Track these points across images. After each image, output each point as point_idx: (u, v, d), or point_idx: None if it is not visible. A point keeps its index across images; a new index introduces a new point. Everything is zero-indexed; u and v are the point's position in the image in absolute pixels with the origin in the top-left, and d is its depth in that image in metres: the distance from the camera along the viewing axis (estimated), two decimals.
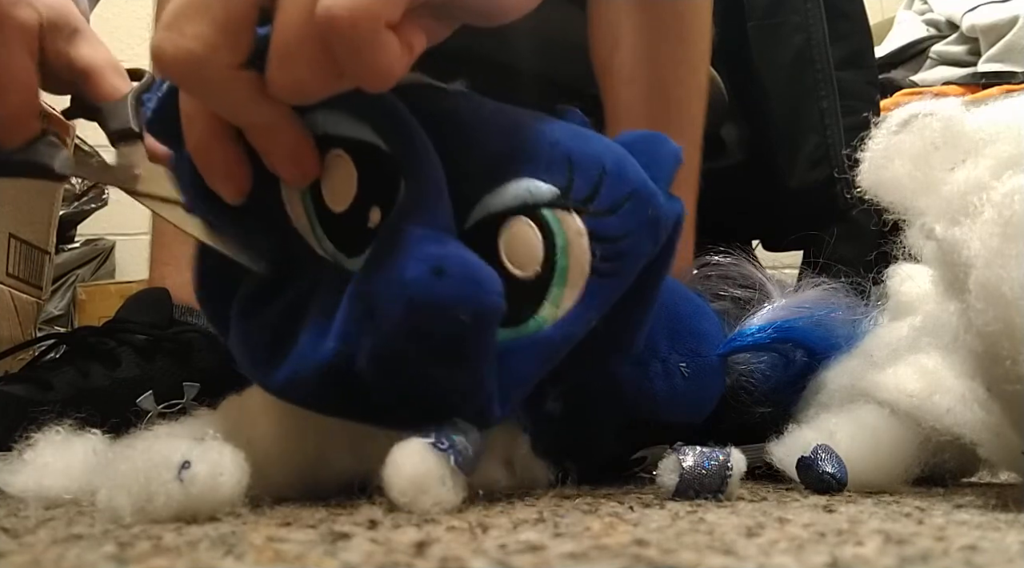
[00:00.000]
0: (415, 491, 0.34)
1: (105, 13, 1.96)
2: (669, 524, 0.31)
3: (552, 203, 0.38)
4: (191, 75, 0.32)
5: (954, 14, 1.53)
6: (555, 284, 0.38)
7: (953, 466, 0.49)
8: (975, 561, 0.24)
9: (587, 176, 0.39)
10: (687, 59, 0.69)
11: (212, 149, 0.35)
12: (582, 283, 0.38)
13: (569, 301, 0.38)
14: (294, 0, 0.31)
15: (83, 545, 0.27)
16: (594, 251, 0.38)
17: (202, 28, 0.31)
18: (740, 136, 0.93)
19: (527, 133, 0.39)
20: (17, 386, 0.56)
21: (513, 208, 0.38)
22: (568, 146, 0.39)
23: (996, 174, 0.38)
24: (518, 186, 0.38)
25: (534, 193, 0.38)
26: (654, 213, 0.40)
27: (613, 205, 0.39)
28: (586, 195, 0.39)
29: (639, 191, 0.40)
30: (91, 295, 1.48)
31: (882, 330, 0.54)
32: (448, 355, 0.35)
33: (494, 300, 0.34)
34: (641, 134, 0.44)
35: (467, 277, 0.34)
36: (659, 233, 0.41)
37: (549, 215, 0.38)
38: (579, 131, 0.41)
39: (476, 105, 0.40)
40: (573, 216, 0.38)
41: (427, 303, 0.33)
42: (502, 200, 0.38)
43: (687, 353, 0.51)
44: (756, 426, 0.53)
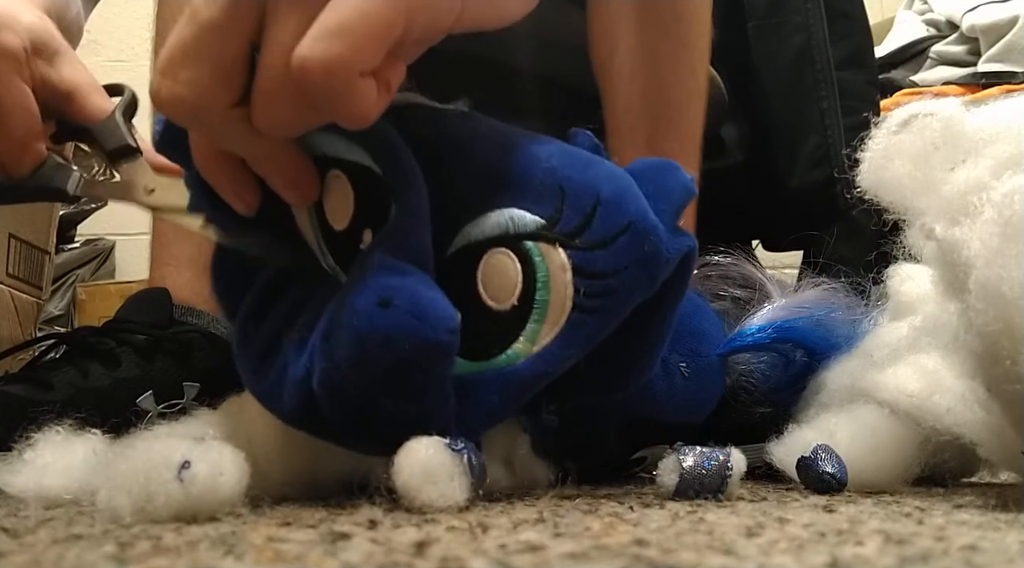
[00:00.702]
0: (423, 480, 0.34)
1: (105, 13, 1.96)
2: (669, 524, 0.31)
3: (535, 235, 0.37)
4: (189, 118, 0.34)
5: (954, 14, 1.53)
6: (532, 319, 0.37)
7: (953, 466, 0.49)
8: (975, 561, 0.24)
9: (578, 206, 0.37)
10: (687, 59, 0.69)
11: (218, 172, 0.37)
12: (562, 319, 0.37)
13: (546, 338, 0.37)
14: (275, 44, 0.32)
15: (83, 545, 0.27)
16: (578, 287, 0.37)
17: (196, 73, 0.32)
18: (740, 136, 0.93)
19: (520, 159, 0.38)
20: (17, 386, 0.56)
21: (493, 238, 0.37)
22: (563, 174, 0.38)
23: (996, 174, 0.38)
24: (501, 215, 0.37)
25: (517, 223, 0.37)
26: (652, 249, 0.38)
27: (605, 238, 0.37)
28: (575, 227, 0.37)
29: (637, 224, 0.37)
30: (91, 295, 1.48)
31: (882, 330, 0.54)
32: (393, 387, 0.35)
33: (440, 336, 0.34)
34: (651, 162, 0.41)
35: (412, 311, 0.34)
36: (657, 270, 0.38)
37: (532, 247, 0.37)
38: (580, 157, 0.40)
39: (472, 128, 0.39)
40: (558, 249, 0.37)
41: (370, 334, 0.33)
42: (482, 230, 0.37)
43: (687, 353, 0.51)
44: (756, 426, 0.53)
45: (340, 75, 0.31)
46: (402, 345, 0.33)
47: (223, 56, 0.32)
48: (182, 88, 0.33)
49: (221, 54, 0.32)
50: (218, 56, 0.32)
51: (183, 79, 0.33)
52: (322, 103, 0.32)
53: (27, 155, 0.44)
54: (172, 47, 0.33)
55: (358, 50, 0.32)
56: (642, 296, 0.39)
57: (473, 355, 0.37)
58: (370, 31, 0.32)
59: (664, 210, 0.39)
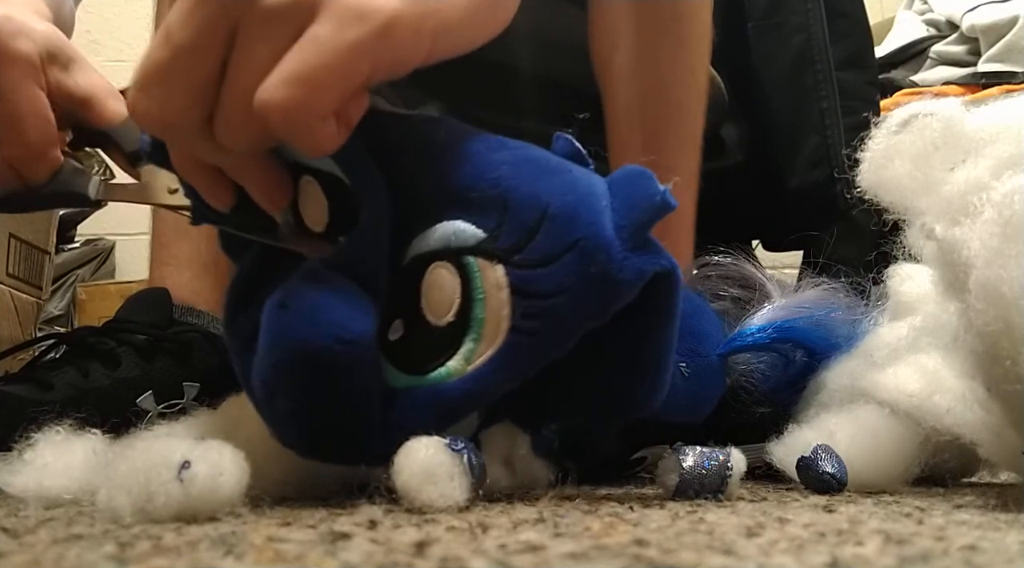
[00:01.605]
0: (424, 480, 0.34)
1: (105, 13, 1.96)
2: (669, 524, 0.31)
3: (475, 249, 0.35)
4: (162, 133, 0.36)
5: (954, 14, 1.53)
6: (469, 337, 0.36)
7: (953, 466, 0.49)
8: (975, 561, 0.24)
9: (520, 221, 0.35)
10: (687, 60, 0.69)
11: (195, 177, 0.39)
12: (498, 340, 0.35)
13: (481, 357, 0.36)
14: (240, 72, 0.33)
15: (83, 545, 0.27)
16: (515, 307, 0.35)
17: (169, 93, 0.34)
18: (740, 136, 0.93)
19: (471, 169, 0.37)
20: (17, 386, 0.56)
21: (436, 251, 0.36)
22: (508, 185, 0.36)
23: (996, 174, 0.38)
24: (446, 228, 0.36)
25: (458, 237, 0.36)
26: (601, 269, 0.34)
27: (548, 256, 0.35)
28: (513, 243, 0.35)
29: (585, 242, 0.34)
30: (91, 295, 1.48)
31: (882, 330, 0.54)
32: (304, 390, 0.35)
33: (326, 343, 0.34)
34: (626, 171, 0.37)
35: (305, 315, 0.34)
36: (608, 293, 0.35)
37: (471, 262, 0.36)
38: (538, 166, 0.37)
39: (431, 135, 0.38)
40: (495, 266, 0.35)
41: (267, 333, 0.34)
42: (427, 242, 0.37)
43: (687, 353, 0.51)
44: (756, 426, 0.53)
45: (299, 119, 0.33)
46: (290, 346, 0.34)
47: (194, 78, 0.34)
48: (156, 106, 0.34)
49: (192, 76, 0.34)
50: (189, 78, 0.34)
51: (157, 98, 0.34)
52: (283, 136, 0.34)
53: (44, 162, 0.44)
54: (147, 66, 0.34)
55: (318, 98, 0.33)
56: (592, 321, 0.36)
57: (410, 368, 0.37)
58: (332, 80, 0.33)
59: (628, 226, 0.35)
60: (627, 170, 0.37)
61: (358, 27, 0.33)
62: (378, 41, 0.33)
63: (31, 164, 0.44)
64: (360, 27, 0.33)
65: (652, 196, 0.36)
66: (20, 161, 0.44)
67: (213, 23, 0.33)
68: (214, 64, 0.34)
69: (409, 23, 0.34)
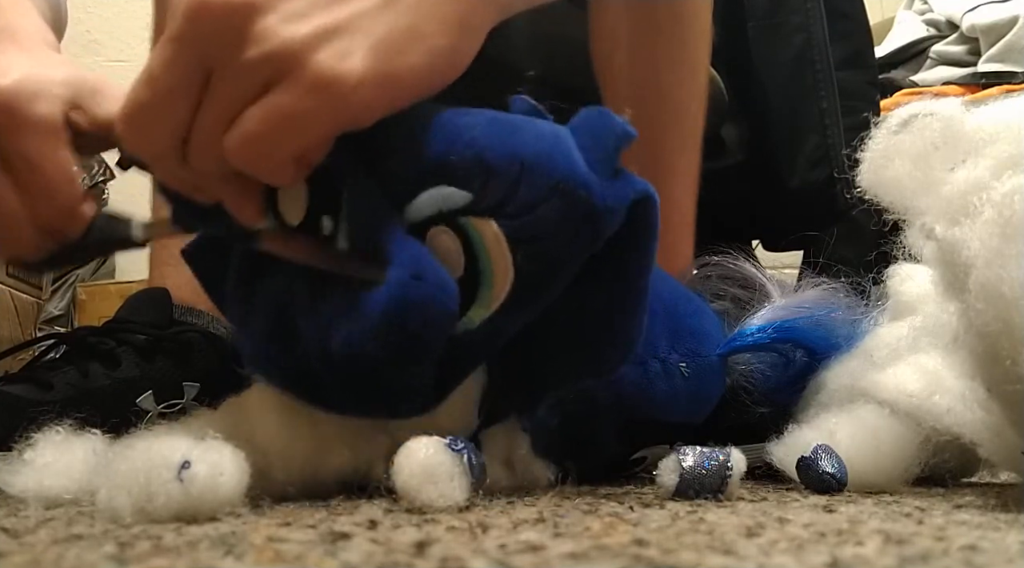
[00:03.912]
0: (424, 479, 0.35)
1: (105, 13, 1.96)
2: (669, 524, 0.31)
3: (466, 210, 0.38)
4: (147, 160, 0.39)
5: (954, 14, 1.53)
6: (481, 288, 0.38)
7: (953, 466, 0.49)
8: (975, 561, 0.24)
9: (503, 177, 0.38)
10: (687, 60, 0.69)
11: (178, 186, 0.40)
12: (507, 284, 0.38)
13: (497, 301, 0.38)
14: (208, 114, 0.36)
15: (83, 545, 0.27)
16: (515, 253, 0.38)
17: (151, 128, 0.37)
18: (740, 136, 0.93)
19: (445, 136, 0.39)
20: (17, 386, 0.56)
21: (431, 217, 0.38)
22: (484, 145, 0.38)
23: (996, 174, 0.38)
24: (432, 195, 0.38)
25: (447, 201, 0.38)
26: (584, 203, 0.38)
27: (533, 202, 0.38)
28: (500, 198, 0.38)
29: (563, 183, 0.38)
30: (91, 295, 1.47)
31: (882, 330, 0.54)
32: (410, 352, 0.37)
33: (454, 306, 0.37)
34: (584, 113, 0.41)
35: (439, 283, 0.37)
36: (596, 223, 0.38)
37: (465, 222, 0.38)
38: (507, 124, 0.40)
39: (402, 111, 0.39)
40: (489, 221, 0.38)
41: (405, 302, 0.36)
42: (419, 210, 0.38)
43: (687, 353, 0.51)
44: (756, 426, 0.53)
45: (261, 165, 0.36)
46: (430, 313, 0.36)
47: (173, 118, 0.36)
48: (140, 140, 0.38)
49: (171, 116, 0.36)
50: (169, 118, 0.36)
51: (141, 133, 0.37)
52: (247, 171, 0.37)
53: (75, 220, 0.45)
54: (132, 104, 0.37)
55: (272, 155, 0.36)
56: (586, 251, 0.39)
57: None
58: (285, 142, 0.36)
59: (598, 159, 0.39)
60: (584, 112, 0.41)
61: (319, 97, 0.35)
62: (338, 110, 0.36)
63: (64, 224, 0.45)
64: (321, 97, 0.35)
65: (613, 128, 0.39)
66: (51, 223, 0.45)
67: (191, 70, 0.36)
68: (191, 107, 0.36)
69: (371, 87, 0.36)
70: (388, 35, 0.37)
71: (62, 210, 0.45)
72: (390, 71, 0.36)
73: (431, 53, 0.38)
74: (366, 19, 0.37)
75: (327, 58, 0.35)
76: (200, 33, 0.35)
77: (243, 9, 0.35)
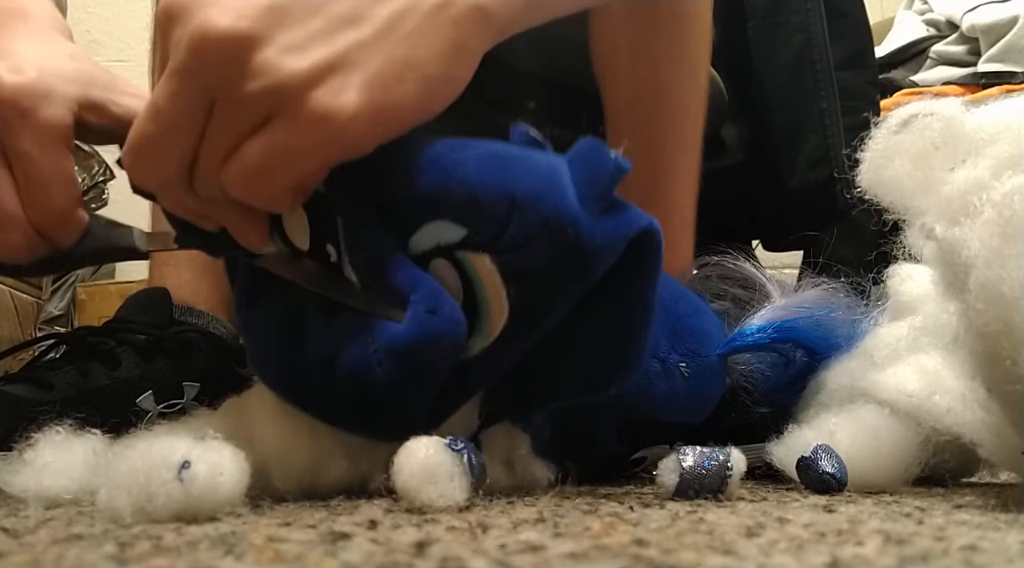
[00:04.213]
0: (424, 479, 0.35)
1: (105, 13, 1.96)
2: (669, 524, 0.31)
3: (462, 245, 0.39)
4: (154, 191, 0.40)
5: (954, 14, 1.53)
6: (481, 316, 0.39)
7: (953, 466, 0.49)
8: (975, 561, 0.24)
9: (494, 214, 0.38)
10: (687, 60, 0.69)
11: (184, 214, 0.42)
12: (503, 317, 0.39)
13: (494, 332, 0.39)
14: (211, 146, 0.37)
15: (83, 545, 0.27)
16: (508, 288, 0.38)
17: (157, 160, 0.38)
18: (740, 136, 0.93)
19: (439, 171, 0.39)
20: (17, 386, 0.56)
21: (429, 251, 0.39)
22: (476, 182, 0.39)
23: (996, 174, 0.38)
24: (431, 229, 0.39)
25: (445, 236, 0.39)
26: (572, 242, 0.38)
27: (524, 239, 0.38)
28: (492, 234, 0.38)
29: (552, 221, 0.38)
30: (91, 295, 1.47)
31: (882, 330, 0.54)
32: (418, 380, 0.38)
33: (464, 339, 0.39)
34: (579, 146, 0.40)
35: (452, 317, 0.38)
36: (585, 259, 0.38)
37: (462, 257, 0.39)
38: (500, 158, 0.40)
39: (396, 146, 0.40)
40: (483, 256, 0.38)
41: (422, 335, 0.37)
42: (419, 243, 0.39)
43: (687, 353, 0.51)
44: (756, 426, 0.53)
45: (258, 195, 0.38)
46: (444, 345, 0.38)
47: (177, 150, 0.38)
48: (146, 172, 0.39)
49: (176, 148, 0.38)
50: (173, 150, 0.38)
51: (147, 165, 0.39)
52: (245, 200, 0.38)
53: (71, 224, 0.45)
54: (137, 136, 0.38)
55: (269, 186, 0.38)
56: (578, 287, 0.39)
57: None
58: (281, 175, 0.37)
59: (591, 196, 0.38)
60: (580, 145, 0.41)
61: (315, 132, 0.36)
62: (332, 144, 0.37)
63: (59, 228, 0.45)
64: (316, 133, 0.36)
65: (606, 163, 0.39)
66: (47, 227, 0.45)
67: (194, 104, 0.37)
68: (194, 139, 0.37)
69: (365, 120, 0.37)
70: (383, 67, 0.37)
71: (57, 213, 0.44)
72: (385, 104, 0.37)
73: (426, 82, 0.38)
74: (362, 51, 0.37)
75: (323, 94, 0.36)
76: (202, 65, 0.36)
77: (244, 42, 0.36)
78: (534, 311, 0.39)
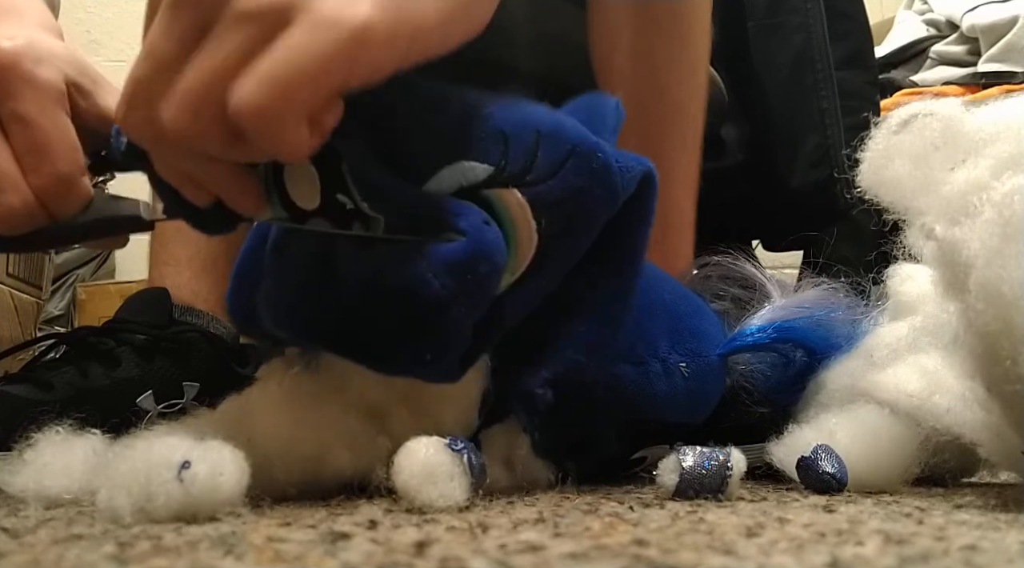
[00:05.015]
0: (424, 479, 0.35)
1: (105, 13, 1.96)
2: (669, 524, 0.31)
3: (488, 182, 0.38)
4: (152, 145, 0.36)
5: (954, 14, 1.53)
6: (509, 252, 0.39)
7: (953, 466, 0.49)
8: (975, 561, 0.24)
9: (522, 145, 0.39)
10: (687, 59, 0.69)
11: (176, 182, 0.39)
12: (531, 250, 0.39)
13: (521, 267, 0.39)
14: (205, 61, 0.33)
15: (83, 545, 0.27)
16: (539, 219, 0.39)
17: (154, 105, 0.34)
18: (740, 136, 0.93)
19: (461, 113, 0.40)
20: (17, 386, 0.56)
21: (452, 193, 0.39)
22: (501, 117, 0.39)
23: (996, 174, 0.38)
24: (453, 170, 0.39)
25: (468, 176, 0.39)
26: (601, 164, 0.40)
27: (553, 168, 0.39)
28: (522, 166, 0.39)
29: (579, 146, 0.39)
30: (91, 295, 1.47)
31: (882, 330, 0.54)
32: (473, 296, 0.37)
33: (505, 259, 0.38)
34: (580, 98, 0.43)
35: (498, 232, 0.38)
36: (613, 183, 0.40)
37: (488, 194, 0.39)
38: (515, 102, 0.41)
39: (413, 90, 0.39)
40: (512, 191, 0.38)
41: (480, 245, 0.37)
42: (440, 187, 0.39)
43: (687, 353, 0.51)
44: (756, 426, 0.53)
45: (272, 122, 0.33)
46: (499, 257, 0.37)
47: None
48: (141, 123, 0.35)
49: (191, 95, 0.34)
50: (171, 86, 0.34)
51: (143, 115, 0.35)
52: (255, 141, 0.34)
53: (74, 193, 0.43)
54: (131, 83, 0.35)
55: (291, 102, 0.33)
56: (606, 211, 0.41)
57: None
58: (305, 86, 0.33)
59: (600, 130, 0.41)
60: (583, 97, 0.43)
61: (332, 34, 0.33)
62: (352, 49, 0.33)
63: (62, 196, 0.43)
64: (334, 34, 0.33)
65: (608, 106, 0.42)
66: (48, 193, 0.42)
67: (189, 33, 0.34)
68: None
69: (383, 30, 0.34)
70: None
71: (62, 178, 0.42)
72: (401, 15, 0.34)
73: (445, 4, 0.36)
74: None
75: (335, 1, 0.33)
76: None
77: None
78: (564, 241, 0.40)
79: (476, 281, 0.37)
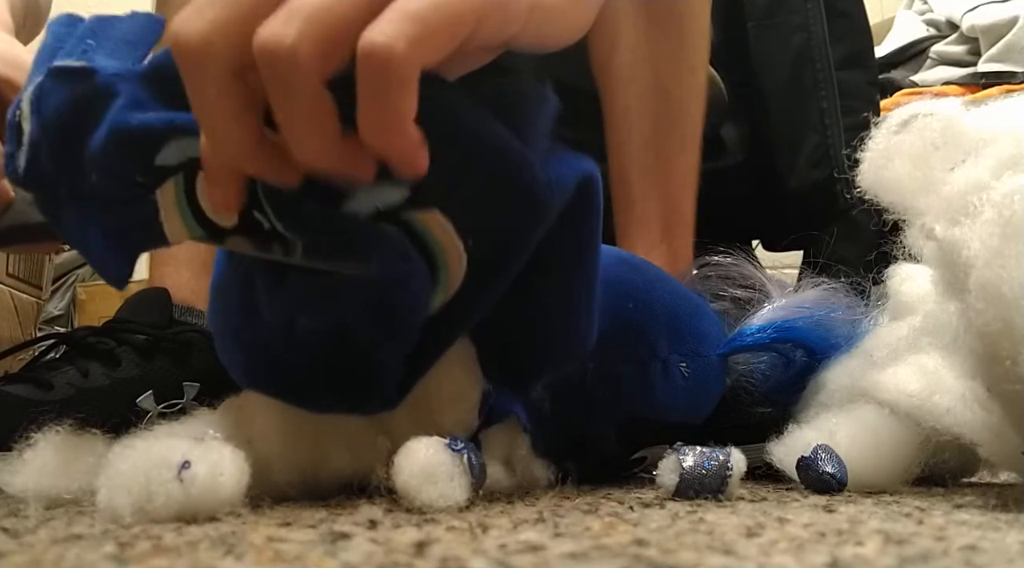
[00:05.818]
0: (424, 480, 0.35)
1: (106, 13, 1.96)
2: (669, 524, 0.31)
3: (405, 206, 0.36)
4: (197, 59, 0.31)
5: (954, 14, 1.53)
6: (439, 274, 0.37)
7: (953, 466, 0.49)
8: (975, 561, 0.24)
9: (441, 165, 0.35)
10: (686, 59, 0.69)
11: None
12: (461, 269, 0.37)
13: (454, 285, 0.37)
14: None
15: (83, 545, 0.27)
16: (463, 239, 0.37)
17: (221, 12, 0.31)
18: (740, 136, 0.93)
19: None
20: (17, 386, 0.56)
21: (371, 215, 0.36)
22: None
23: (996, 174, 0.38)
24: (366, 193, 0.36)
25: (384, 199, 0.36)
26: (525, 182, 0.36)
27: (474, 189, 0.36)
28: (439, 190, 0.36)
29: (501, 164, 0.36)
30: (91, 295, 1.48)
31: (882, 330, 0.54)
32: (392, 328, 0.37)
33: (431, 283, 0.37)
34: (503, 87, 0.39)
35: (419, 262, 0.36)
36: (541, 200, 0.37)
37: (409, 217, 0.36)
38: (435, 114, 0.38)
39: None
40: (433, 212, 0.36)
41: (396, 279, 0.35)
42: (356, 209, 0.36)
43: (687, 353, 0.51)
44: (756, 426, 0.53)
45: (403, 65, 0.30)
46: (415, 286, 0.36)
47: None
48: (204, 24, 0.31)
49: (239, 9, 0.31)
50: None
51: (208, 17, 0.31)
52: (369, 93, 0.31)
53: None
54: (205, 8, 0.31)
55: (428, 42, 0.31)
56: (536, 229, 0.38)
57: None
58: (444, 26, 0.31)
59: (531, 137, 0.37)
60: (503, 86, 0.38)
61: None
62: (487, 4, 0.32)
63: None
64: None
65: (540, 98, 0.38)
66: None
67: None
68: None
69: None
70: None
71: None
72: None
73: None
74: None
75: None
76: None
77: None
78: (494, 259, 0.38)
79: (398, 317, 0.36)
